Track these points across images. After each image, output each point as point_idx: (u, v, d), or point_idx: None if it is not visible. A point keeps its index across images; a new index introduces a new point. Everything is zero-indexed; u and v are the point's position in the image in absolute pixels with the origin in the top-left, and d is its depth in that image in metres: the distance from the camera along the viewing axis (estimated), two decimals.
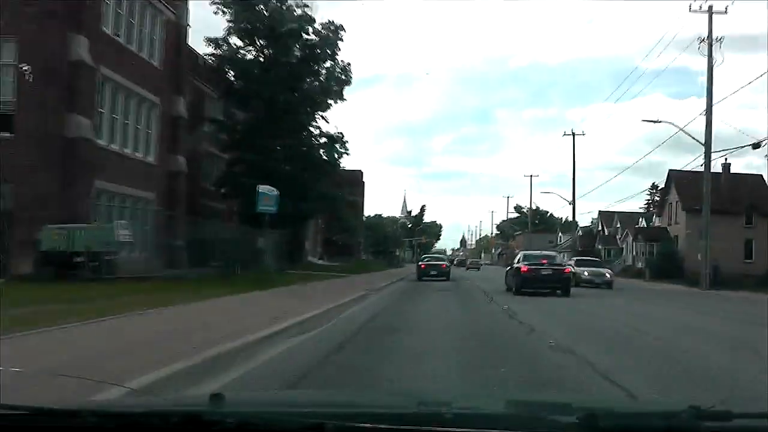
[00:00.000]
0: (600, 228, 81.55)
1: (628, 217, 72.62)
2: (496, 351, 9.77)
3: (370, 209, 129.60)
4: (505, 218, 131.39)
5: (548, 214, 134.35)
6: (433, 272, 37.07)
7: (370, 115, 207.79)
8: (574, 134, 59.05)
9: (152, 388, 5.59)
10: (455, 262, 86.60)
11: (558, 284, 24.12)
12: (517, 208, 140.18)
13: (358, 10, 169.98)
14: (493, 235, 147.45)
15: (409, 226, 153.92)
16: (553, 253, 29.74)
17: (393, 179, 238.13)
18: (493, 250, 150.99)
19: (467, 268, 75.83)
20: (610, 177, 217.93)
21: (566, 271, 25.50)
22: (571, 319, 15.89)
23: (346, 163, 46.55)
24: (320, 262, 56.40)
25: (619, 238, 73.72)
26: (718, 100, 39.61)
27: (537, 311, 17.08)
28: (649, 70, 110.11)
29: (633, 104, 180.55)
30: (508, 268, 28.74)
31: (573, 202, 59.81)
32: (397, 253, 67.54)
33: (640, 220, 67.70)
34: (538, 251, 29.77)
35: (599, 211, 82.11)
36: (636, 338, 12.06)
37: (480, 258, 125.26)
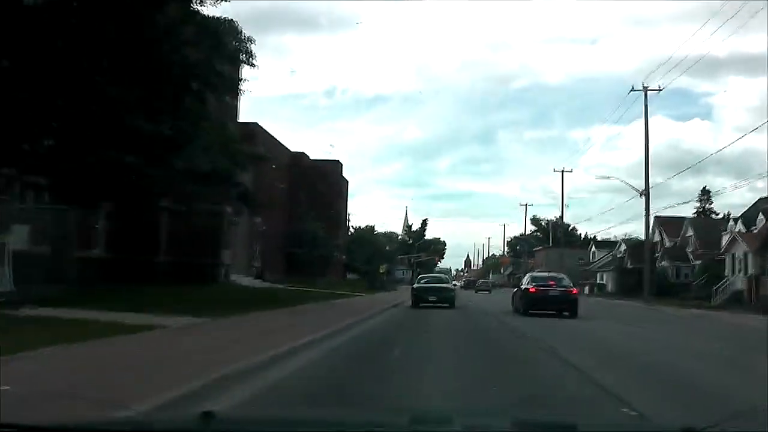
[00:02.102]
0: (658, 239, 61.05)
1: (707, 223, 52.17)
2: None
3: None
4: (523, 232, 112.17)
5: (570, 228, 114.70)
6: (432, 297, 27.93)
7: (372, 136, 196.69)
8: (646, 89, 39.00)
9: None
10: (462, 284, 78.17)
11: (565, 306, 23.81)
12: (535, 221, 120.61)
13: (358, 30, 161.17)
14: (506, 253, 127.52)
15: (409, 242, 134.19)
16: (560, 275, 28.03)
17: (395, 201, 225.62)
18: (503, 270, 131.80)
19: (476, 291, 65.74)
20: (610, 197, 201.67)
21: (574, 292, 25.22)
22: None
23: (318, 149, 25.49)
24: (253, 283, 35.92)
25: (692, 251, 53.25)
26: None
27: None
28: (651, 92, 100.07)
29: (634, 127, 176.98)
30: (515, 289, 28.51)
31: (646, 191, 39.39)
32: (381, 271, 47.32)
33: (732, 224, 47.19)
34: (546, 273, 33.64)
35: (656, 216, 61.68)
36: None
37: (489, 279, 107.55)
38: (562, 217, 70.34)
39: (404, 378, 8.71)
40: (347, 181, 72.05)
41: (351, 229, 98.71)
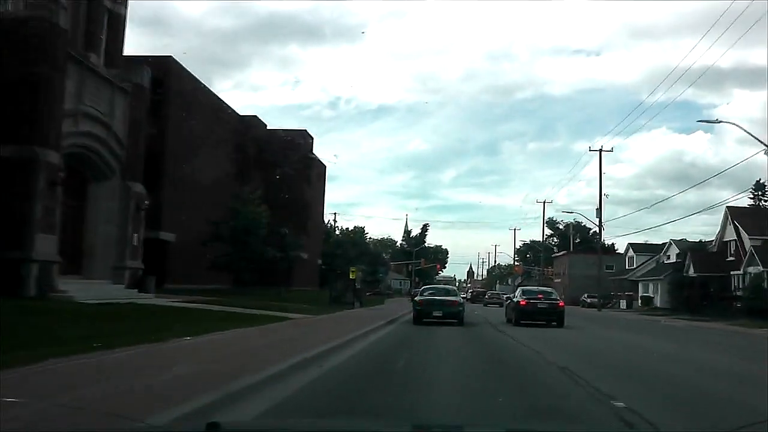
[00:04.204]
0: (732, 237, 46.06)
1: None
2: None
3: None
4: (541, 236, 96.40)
5: (591, 233, 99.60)
6: (438, 312, 24.52)
7: (375, 147, 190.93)
8: None
9: None
10: (469, 297, 69.13)
11: (553, 317, 25.26)
12: (551, 224, 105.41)
13: (363, 41, 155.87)
14: (515, 261, 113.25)
15: (406, 247, 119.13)
16: (549, 289, 30.42)
17: (398, 213, 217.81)
18: (510, 281, 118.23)
19: (485, 304, 58.23)
20: (614, 210, 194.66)
21: (560, 305, 26.29)
22: None
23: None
24: (114, 295, 20.92)
25: None
26: None
27: None
28: (654, 104, 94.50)
29: (637, 139, 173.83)
30: (508, 302, 30.86)
31: None
32: (352, 276, 32.97)
33: None
34: (536, 287, 35.18)
35: (727, 207, 46.72)
36: None
37: (497, 289, 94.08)
38: (600, 209, 54.69)
39: None
40: (324, 166, 57.14)
41: (336, 231, 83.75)
